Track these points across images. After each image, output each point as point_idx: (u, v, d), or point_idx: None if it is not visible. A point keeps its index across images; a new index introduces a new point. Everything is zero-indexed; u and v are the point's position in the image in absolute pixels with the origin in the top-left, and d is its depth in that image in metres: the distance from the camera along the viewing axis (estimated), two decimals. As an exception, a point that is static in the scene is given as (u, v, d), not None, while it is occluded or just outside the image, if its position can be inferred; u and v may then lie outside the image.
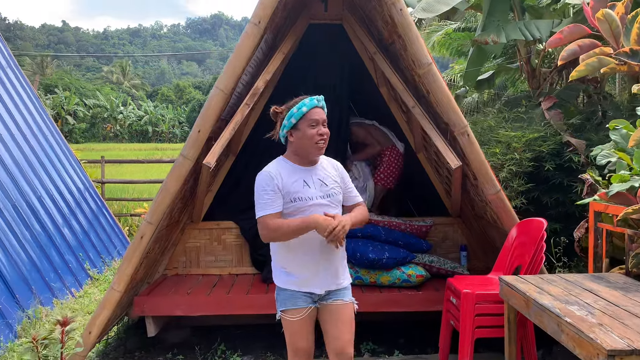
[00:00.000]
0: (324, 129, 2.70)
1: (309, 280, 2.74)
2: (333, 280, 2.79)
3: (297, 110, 2.66)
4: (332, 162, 2.91)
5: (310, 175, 2.75)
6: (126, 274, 4.09)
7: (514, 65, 8.61)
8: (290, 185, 2.69)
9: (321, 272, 2.74)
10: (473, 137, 4.18)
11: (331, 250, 2.73)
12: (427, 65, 4.09)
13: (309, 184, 2.72)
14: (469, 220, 5.29)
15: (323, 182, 2.76)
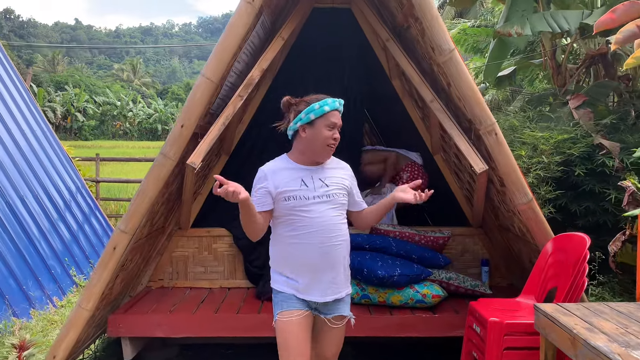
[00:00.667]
0: (337, 134, 2.60)
1: (308, 287, 2.60)
2: (333, 289, 2.63)
3: (319, 107, 2.54)
4: (341, 164, 2.78)
5: (311, 174, 2.61)
6: (95, 291, 3.53)
7: (537, 61, 7.96)
8: (286, 184, 2.56)
9: (322, 279, 2.60)
10: (502, 136, 3.58)
11: (333, 256, 2.60)
12: (448, 52, 3.50)
13: (307, 183, 2.58)
14: (492, 231, 4.69)
15: (324, 183, 2.62)
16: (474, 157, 3.64)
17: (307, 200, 2.55)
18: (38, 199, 6.75)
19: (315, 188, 2.58)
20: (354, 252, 4.26)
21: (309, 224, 2.55)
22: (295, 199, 2.55)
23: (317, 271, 2.58)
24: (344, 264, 2.68)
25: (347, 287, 2.73)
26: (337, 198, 2.62)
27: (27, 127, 7.51)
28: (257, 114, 4.72)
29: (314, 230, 2.55)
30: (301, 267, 2.59)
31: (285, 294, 2.62)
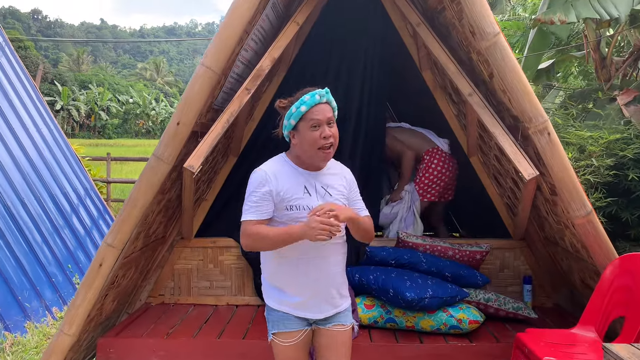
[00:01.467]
0: (329, 130, 2.28)
1: (304, 303, 2.40)
2: (332, 303, 2.45)
3: (296, 109, 2.27)
4: (343, 170, 2.55)
5: (314, 181, 2.37)
6: (79, 313, 3.06)
7: (579, 54, 7.30)
8: (287, 190, 2.32)
9: (318, 294, 2.41)
10: (556, 136, 3.01)
11: (331, 271, 2.42)
12: (493, 35, 2.94)
13: (309, 191, 2.35)
14: (535, 245, 4.10)
15: (326, 191, 2.38)
16: (522, 160, 3.07)
17: (309, 211, 2.30)
18: (41, 202, 6.36)
19: (317, 197, 2.36)
20: (377, 268, 3.73)
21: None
22: (297, 209, 2.32)
23: (315, 287, 2.40)
24: (343, 276, 2.52)
25: (346, 298, 2.54)
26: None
27: (32, 125, 7.14)
28: (269, 110, 4.19)
29: (311, 245, 2.30)
30: (297, 282, 2.40)
31: (280, 312, 2.44)
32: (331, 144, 2.30)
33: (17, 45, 46.66)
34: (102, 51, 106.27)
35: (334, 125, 2.33)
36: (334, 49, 4.09)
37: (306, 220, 2.25)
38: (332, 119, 2.31)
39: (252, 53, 3.54)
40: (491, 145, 3.66)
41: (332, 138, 2.29)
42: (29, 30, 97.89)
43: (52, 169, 7.03)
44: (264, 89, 4.15)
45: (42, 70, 8.82)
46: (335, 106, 2.37)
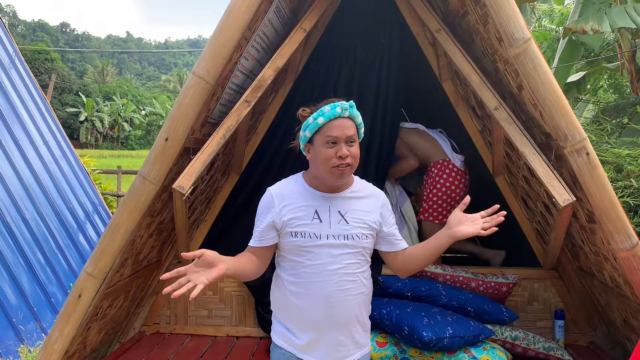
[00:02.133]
0: (345, 150, 1.94)
1: (310, 346, 2.05)
2: (342, 352, 2.07)
3: (313, 120, 1.97)
4: (371, 191, 2.14)
5: (329, 204, 2.02)
6: (56, 349, 2.75)
7: (612, 65, 6.85)
8: (295, 214, 2.00)
9: (327, 340, 2.05)
10: (595, 157, 2.62)
11: (344, 313, 2.03)
12: (523, 41, 2.58)
13: (321, 217, 2.00)
14: (568, 275, 3.67)
15: (343, 218, 2.01)
16: (557, 184, 2.68)
17: (318, 240, 1.99)
18: (44, 219, 6.11)
19: (330, 224, 2.00)
20: (391, 301, 3.35)
21: (316, 272, 2.01)
22: (303, 237, 1.99)
23: (322, 330, 2.04)
24: (361, 321, 2.12)
25: (364, 346, 2.15)
26: (359, 240, 2.03)
27: (39, 137, 6.94)
28: (274, 124, 3.87)
29: (321, 281, 2.00)
30: (303, 321, 2.06)
31: (284, 351, 2.11)
32: (349, 164, 1.96)
33: (44, 57, 47.57)
34: (127, 63, 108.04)
35: (355, 145, 1.99)
36: (346, 57, 3.75)
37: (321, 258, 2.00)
38: (353, 137, 1.97)
39: (254, 62, 3.22)
40: (520, 165, 3.27)
41: (349, 158, 1.95)
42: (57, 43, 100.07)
43: (58, 183, 6.80)
44: (269, 101, 3.83)
45: (53, 82, 8.68)
46: (361, 123, 2.04)
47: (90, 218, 7.20)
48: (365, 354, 2.15)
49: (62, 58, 71.18)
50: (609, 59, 7.09)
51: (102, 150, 46.03)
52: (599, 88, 10.72)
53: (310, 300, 2.02)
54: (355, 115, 2.00)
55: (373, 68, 3.72)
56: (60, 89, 48.39)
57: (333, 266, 2.00)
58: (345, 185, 2.06)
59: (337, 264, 2.00)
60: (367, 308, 2.15)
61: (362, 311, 2.11)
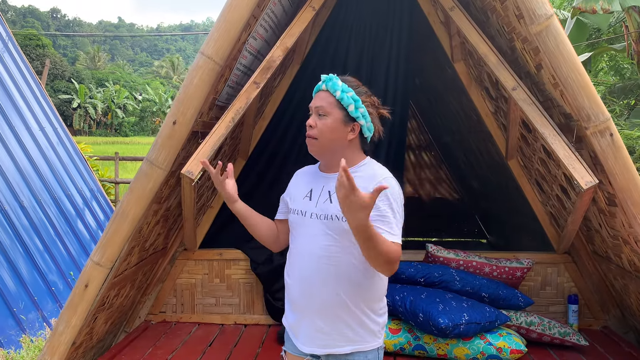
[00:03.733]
0: (312, 120, 1.93)
1: (295, 326, 2.01)
2: (323, 340, 1.93)
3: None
4: (373, 173, 1.93)
5: (324, 184, 1.97)
6: (63, 340, 2.67)
7: (619, 46, 6.75)
8: (295, 192, 2.06)
9: (304, 323, 1.96)
10: (619, 138, 2.54)
11: (318, 298, 1.90)
12: (545, 18, 2.48)
13: (312, 196, 1.98)
14: (582, 260, 3.62)
15: (330, 197, 1.92)
16: (579, 166, 2.60)
17: (303, 218, 1.96)
18: (42, 206, 6.00)
19: (317, 203, 1.94)
20: (405, 287, 3.28)
21: (298, 251, 1.98)
22: (294, 214, 2.01)
23: (301, 311, 1.97)
24: (353, 313, 1.90)
25: (358, 342, 1.93)
26: (338, 222, 1.86)
27: (35, 124, 6.79)
28: (282, 107, 3.76)
29: (300, 260, 1.96)
30: (288, 300, 2.05)
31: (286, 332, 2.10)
32: (310, 135, 1.92)
33: (35, 43, 46.93)
34: (119, 49, 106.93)
35: (327, 118, 1.90)
36: (355, 37, 3.63)
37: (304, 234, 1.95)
38: (322, 109, 1.90)
39: (262, 42, 3.10)
40: (536, 147, 3.18)
41: (313, 129, 1.91)
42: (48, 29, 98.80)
43: (55, 170, 6.67)
44: (277, 83, 3.72)
45: (48, 67, 8.51)
46: (343, 97, 1.90)
47: (89, 205, 7.08)
48: (361, 350, 1.94)
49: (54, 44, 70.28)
50: (612, 40, 6.99)
51: (96, 137, 45.67)
52: (599, 70, 10.64)
53: (291, 279, 1.99)
54: (332, 89, 1.91)
55: (383, 48, 3.61)
56: (52, 75, 47.83)
57: (311, 246, 1.91)
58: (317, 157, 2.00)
59: (315, 244, 1.90)
60: (362, 301, 1.92)
61: (350, 303, 1.90)
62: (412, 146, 6.69)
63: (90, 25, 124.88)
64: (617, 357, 3.12)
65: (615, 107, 5.18)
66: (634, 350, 3.21)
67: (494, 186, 4.74)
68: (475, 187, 5.55)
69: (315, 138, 1.91)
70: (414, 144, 6.74)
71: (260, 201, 3.80)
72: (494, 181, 4.27)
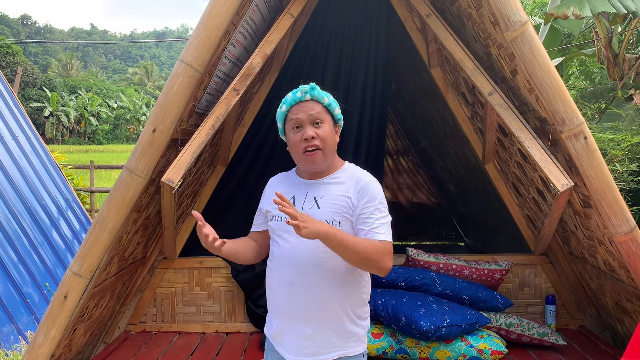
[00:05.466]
0: (311, 131, 1.90)
1: (280, 334, 2.00)
2: (310, 348, 1.92)
3: (279, 110, 1.99)
4: (348, 175, 1.98)
5: (307, 190, 1.98)
6: (42, 353, 2.61)
7: (589, 51, 6.92)
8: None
9: (290, 330, 1.95)
10: (593, 141, 2.60)
11: (307, 304, 1.90)
12: (520, 24, 2.54)
13: (296, 202, 1.96)
14: (558, 261, 3.69)
15: (316, 203, 1.93)
16: (554, 169, 2.66)
17: (287, 225, 1.83)
18: (16, 216, 5.88)
19: (302, 209, 1.93)
20: (386, 291, 3.30)
21: (283, 257, 1.96)
22: (276, 220, 1.99)
23: (286, 319, 1.97)
24: (335, 319, 1.93)
25: (344, 348, 1.95)
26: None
27: (7, 132, 6.66)
28: (261, 114, 3.76)
29: (286, 266, 1.94)
30: (272, 308, 2.04)
31: (267, 338, 2.09)
32: (315, 146, 1.90)
33: (5, 50, 46.04)
34: (92, 56, 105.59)
35: (324, 125, 1.92)
36: (333, 44, 3.66)
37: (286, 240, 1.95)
38: (317, 117, 1.91)
39: (241, 49, 3.11)
40: (512, 151, 3.24)
41: (316, 140, 1.90)
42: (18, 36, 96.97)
43: (29, 179, 6.55)
44: (255, 90, 3.72)
45: (20, 75, 8.36)
46: (331, 103, 1.97)
47: (64, 214, 6.96)
48: (347, 355, 1.96)
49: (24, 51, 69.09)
50: (583, 46, 7.16)
51: (69, 146, 44.91)
52: (570, 75, 10.87)
53: (276, 285, 1.98)
54: (319, 97, 1.94)
55: (361, 54, 3.64)
56: (23, 83, 46.93)
57: (298, 252, 1.91)
58: (328, 170, 1.99)
59: (301, 251, 1.90)
60: (348, 306, 1.95)
61: (337, 307, 1.92)
62: (390, 151, 6.74)
63: (62, 32, 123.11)
64: (594, 355, 3.18)
65: (586, 110, 5.31)
66: (610, 348, 3.28)
67: (472, 190, 4.81)
68: (453, 191, 5.62)
69: (320, 148, 1.90)
70: (392, 149, 6.79)
71: (240, 207, 3.80)
72: (472, 185, 4.33)
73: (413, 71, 4.18)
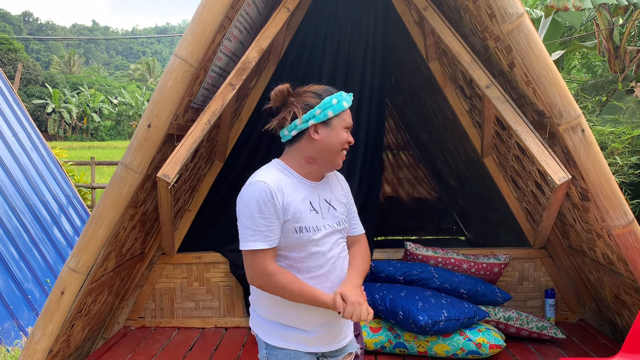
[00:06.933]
0: (350, 137, 1.97)
1: (322, 338, 1.98)
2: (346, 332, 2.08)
3: (337, 102, 1.90)
4: (338, 175, 2.13)
5: (316, 194, 1.96)
6: (39, 348, 2.63)
7: (590, 44, 6.88)
8: (296, 208, 1.87)
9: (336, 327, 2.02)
10: (591, 134, 2.58)
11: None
12: (516, 17, 2.51)
13: (315, 208, 1.92)
14: (557, 254, 3.68)
15: (331, 205, 1.98)
16: (552, 162, 2.64)
17: (319, 232, 1.90)
18: (17, 213, 5.88)
19: (323, 214, 1.94)
20: (384, 285, 3.29)
21: (322, 264, 1.93)
22: (307, 231, 1.88)
23: (334, 319, 1.98)
24: None
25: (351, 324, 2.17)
26: (344, 224, 2.04)
27: (7, 129, 6.67)
28: (258, 109, 3.75)
29: (329, 270, 1.94)
30: (317, 314, 1.95)
31: (288, 350, 1.98)
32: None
33: (7, 47, 46.06)
34: (94, 53, 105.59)
35: None
36: (330, 37, 3.64)
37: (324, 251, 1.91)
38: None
39: (237, 43, 3.09)
40: (510, 145, 3.23)
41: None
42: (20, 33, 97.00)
43: (29, 176, 6.55)
44: (252, 84, 3.71)
45: (20, 71, 8.36)
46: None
47: (65, 211, 6.97)
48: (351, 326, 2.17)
49: (26, 48, 69.10)
50: (584, 38, 7.11)
51: (72, 142, 44.97)
52: (572, 68, 10.81)
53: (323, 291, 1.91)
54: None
55: (358, 48, 3.62)
56: (25, 80, 46.98)
57: (334, 252, 1.96)
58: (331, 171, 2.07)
59: (337, 250, 1.97)
60: None
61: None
62: (390, 146, 6.72)
63: (64, 29, 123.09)
64: (594, 349, 3.18)
65: (587, 103, 5.28)
66: (609, 341, 3.28)
67: (471, 184, 4.79)
68: (453, 185, 5.61)
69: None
70: (392, 144, 6.77)
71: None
72: (471, 179, 4.31)
73: (412, 65, 4.16)
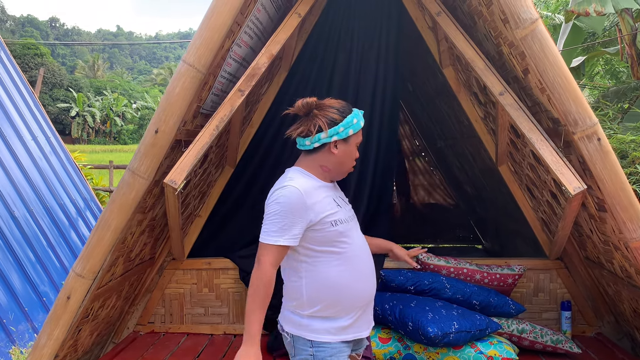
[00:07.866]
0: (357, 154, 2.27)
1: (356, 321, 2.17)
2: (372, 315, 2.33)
3: (357, 121, 2.17)
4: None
5: (333, 193, 2.23)
6: (46, 353, 2.62)
7: (612, 49, 6.73)
8: (326, 206, 2.12)
9: (369, 308, 2.26)
10: (607, 143, 2.50)
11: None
12: (530, 22, 2.45)
13: (339, 203, 2.20)
14: (574, 266, 3.57)
15: (344, 201, 2.29)
16: (567, 172, 2.57)
17: (348, 224, 2.18)
18: (34, 216, 5.96)
19: (345, 209, 2.24)
20: (394, 295, 3.23)
21: (356, 252, 2.19)
22: (342, 223, 2.15)
23: (369, 302, 2.24)
24: None
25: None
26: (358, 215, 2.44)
27: (27, 133, 6.77)
28: (269, 114, 3.73)
29: (364, 258, 2.23)
30: (355, 302, 2.16)
31: (333, 344, 2.12)
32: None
33: (33, 52, 47.02)
34: (118, 57, 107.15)
35: None
36: (343, 43, 3.60)
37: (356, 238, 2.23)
38: None
39: (247, 49, 3.07)
40: (525, 153, 3.15)
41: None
42: (47, 38, 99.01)
43: (48, 179, 6.64)
44: (264, 90, 3.69)
45: (42, 76, 8.49)
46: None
47: (82, 214, 7.05)
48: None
49: (52, 53, 70.44)
50: (606, 44, 6.97)
51: (95, 146, 45.68)
52: (595, 74, 10.61)
53: (360, 278, 2.17)
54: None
55: (370, 55, 3.58)
56: (50, 84, 47.90)
57: (360, 240, 2.23)
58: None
59: (362, 240, 2.26)
60: None
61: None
62: (405, 152, 6.66)
63: (89, 34, 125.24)
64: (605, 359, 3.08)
65: (608, 110, 5.16)
66: (628, 357, 3.17)
67: (488, 192, 4.71)
68: (470, 192, 5.52)
69: None
70: (408, 150, 6.71)
71: (249, 208, 3.77)
72: (488, 187, 4.23)
73: (428, 71, 4.10)
